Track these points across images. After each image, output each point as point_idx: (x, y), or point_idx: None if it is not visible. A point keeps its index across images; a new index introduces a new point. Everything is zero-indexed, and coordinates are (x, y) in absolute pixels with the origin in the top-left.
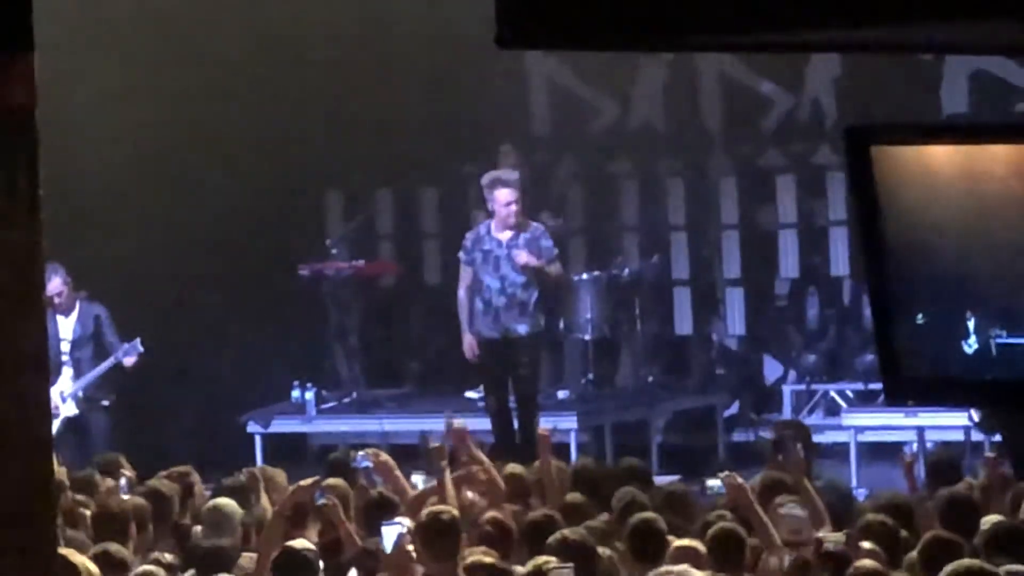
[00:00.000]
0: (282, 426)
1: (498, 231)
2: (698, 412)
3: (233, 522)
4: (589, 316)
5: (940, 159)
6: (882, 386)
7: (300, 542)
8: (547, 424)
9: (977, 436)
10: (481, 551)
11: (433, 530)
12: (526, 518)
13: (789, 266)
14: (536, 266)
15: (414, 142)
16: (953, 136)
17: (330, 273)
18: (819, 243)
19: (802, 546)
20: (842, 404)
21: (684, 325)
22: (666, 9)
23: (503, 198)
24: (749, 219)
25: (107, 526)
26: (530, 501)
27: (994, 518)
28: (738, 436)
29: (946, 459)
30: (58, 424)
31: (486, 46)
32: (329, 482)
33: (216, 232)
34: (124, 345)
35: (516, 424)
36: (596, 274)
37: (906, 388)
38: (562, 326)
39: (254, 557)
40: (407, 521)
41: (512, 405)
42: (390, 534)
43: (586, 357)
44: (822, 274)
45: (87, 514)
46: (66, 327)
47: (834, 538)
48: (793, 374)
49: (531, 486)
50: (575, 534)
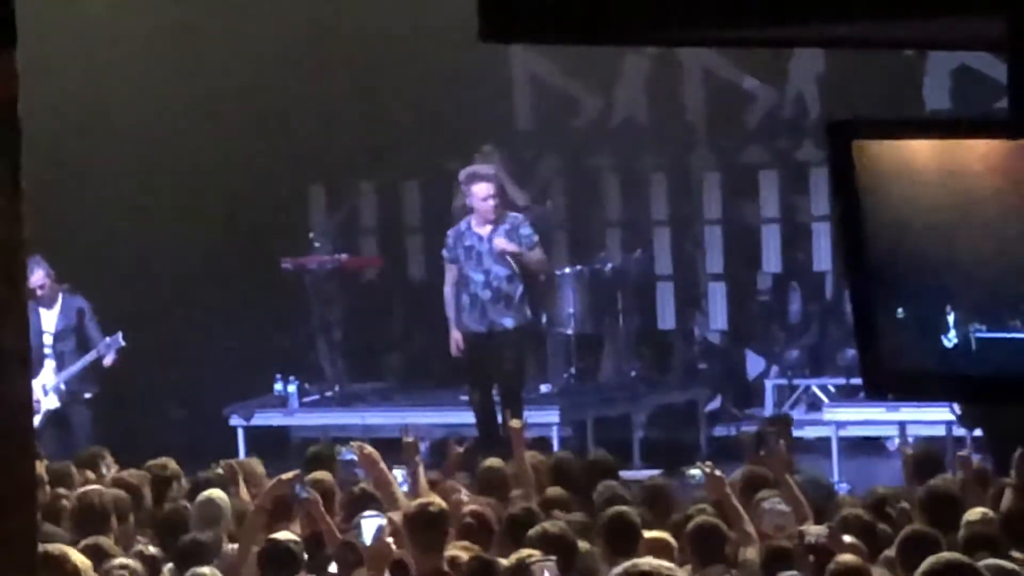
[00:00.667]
0: (264, 419)
1: (478, 226)
2: (680, 407)
3: (225, 515)
4: (572, 311)
5: (922, 154)
6: (862, 381)
7: (284, 534)
8: (519, 419)
9: (959, 431)
10: (462, 545)
11: (420, 522)
12: (507, 512)
13: (772, 261)
14: (513, 252)
15: (397, 136)
16: (936, 131)
17: (313, 267)
18: (802, 239)
19: (785, 541)
20: (824, 399)
21: (667, 320)
22: (649, 3)
23: (481, 192)
24: (732, 214)
25: (88, 519)
26: (509, 495)
27: (977, 512)
28: (720, 431)
29: (929, 453)
30: (39, 417)
31: (469, 40)
32: (313, 476)
33: (199, 225)
34: (106, 339)
35: (500, 418)
36: (579, 269)
37: (886, 383)
38: (545, 320)
39: (236, 549)
40: (395, 516)
41: (496, 399)
42: (369, 527)
43: (569, 351)
44: (804, 269)
45: (67, 507)
46: (48, 320)
47: (816, 531)
48: (775, 369)
49: (510, 480)
50: (555, 527)
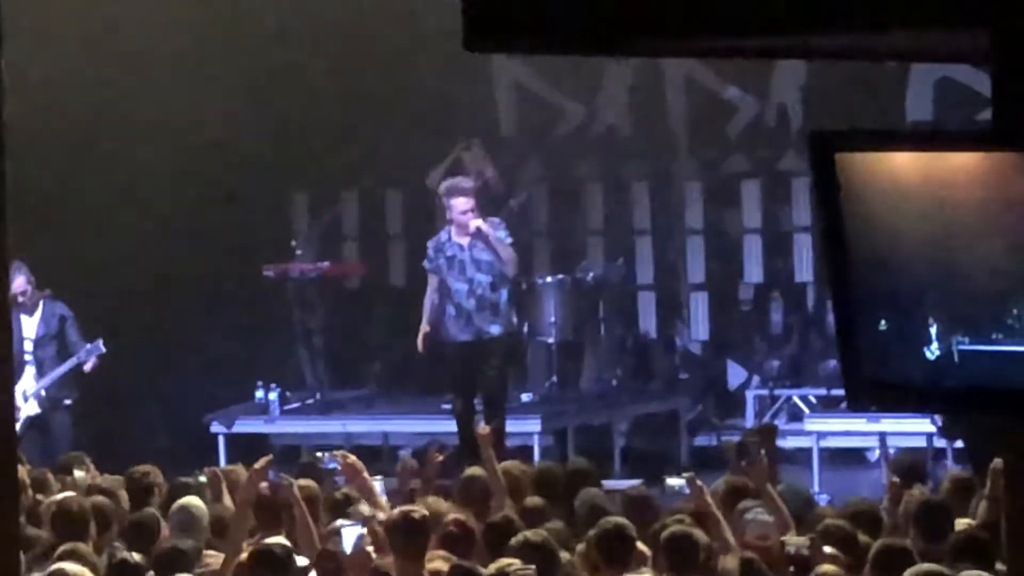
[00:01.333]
0: (245, 426)
1: (459, 236)
2: (661, 416)
3: (201, 523)
4: (553, 319)
5: (905, 166)
6: (844, 391)
7: (274, 539)
8: (501, 426)
9: (940, 443)
10: (442, 555)
11: (403, 529)
12: (486, 521)
13: (753, 271)
14: (487, 232)
15: (379, 144)
16: (918, 143)
17: (295, 274)
18: (783, 249)
19: (765, 551)
20: (805, 409)
21: (648, 329)
22: (632, 13)
23: (460, 207)
24: (714, 224)
25: (67, 524)
26: (491, 503)
27: (962, 523)
28: (701, 440)
29: (911, 463)
30: (20, 423)
31: (453, 48)
32: (300, 483)
33: (181, 232)
34: (86, 345)
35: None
36: (560, 278)
37: (868, 394)
38: (526, 329)
39: (217, 556)
40: (376, 525)
41: (478, 407)
42: (350, 535)
43: (550, 360)
44: (786, 280)
45: (48, 512)
46: (29, 326)
47: (796, 541)
48: (756, 379)
49: (491, 488)
50: (537, 536)
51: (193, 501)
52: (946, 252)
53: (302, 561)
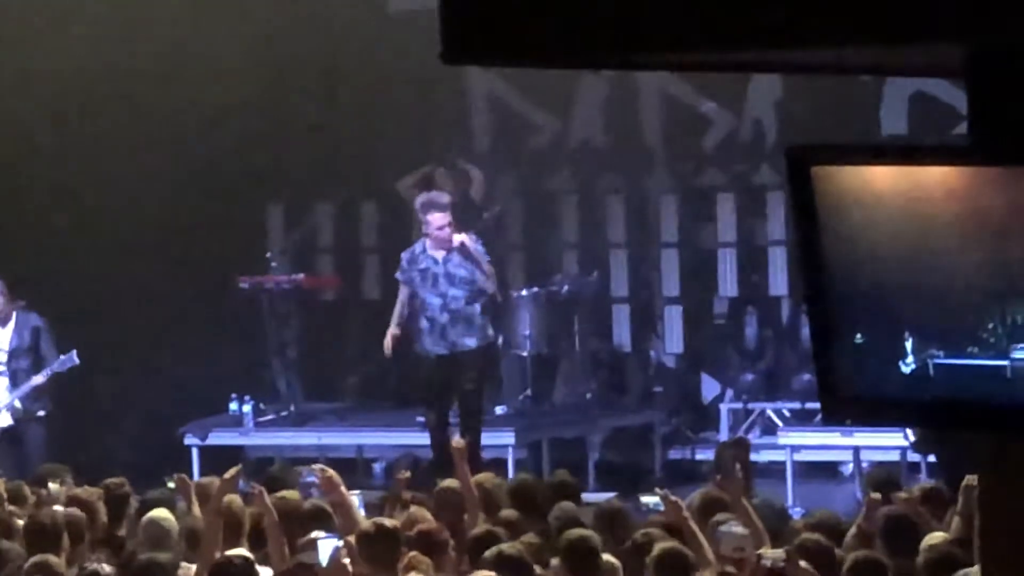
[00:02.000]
0: (220, 438)
1: (433, 249)
2: (635, 429)
3: (171, 535)
4: (528, 332)
5: (881, 180)
6: (820, 405)
7: (237, 551)
8: (475, 438)
9: (913, 457)
10: (413, 559)
11: (373, 539)
12: (470, 534)
13: (728, 285)
14: (470, 247)
15: (355, 156)
16: (895, 157)
17: (270, 286)
18: (758, 262)
19: (740, 563)
20: (779, 423)
21: (622, 342)
22: (609, 27)
23: (436, 222)
24: (688, 237)
25: (40, 537)
26: (465, 516)
27: (937, 536)
28: (675, 454)
29: (884, 478)
30: None
31: (428, 61)
32: (282, 495)
33: (156, 244)
34: (60, 357)
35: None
36: (535, 290)
37: (844, 407)
38: (501, 342)
39: (189, 568)
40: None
41: (453, 420)
42: (325, 548)
43: (524, 373)
44: (761, 293)
45: (20, 525)
46: (3, 337)
47: (773, 555)
48: (730, 393)
49: (464, 501)
50: (512, 549)
51: (162, 514)
52: (922, 266)
53: (266, 573)
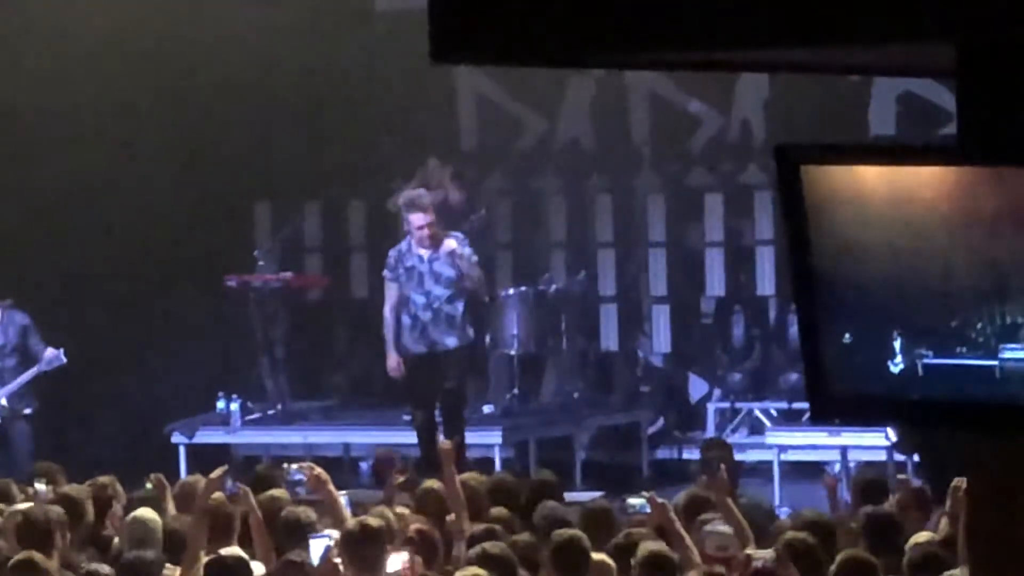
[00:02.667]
0: (206, 437)
1: (419, 248)
2: (623, 429)
3: (155, 535)
4: (515, 332)
5: (869, 179)
6: (808, 405)
7: (230, 550)
8: (461, 438)
9: (900, 456)
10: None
11: (358, 538)
12: (468, 531)
13: (715, 284)
14: (462, 254)
15: (342, 155)
16: (884, 157)
17: (257, 285)
18: (746, 262)
19: (727, 563)
20: (766, 423)
21: (610, 342)
22: (598, 26)
23: (416, 221)
24: (676, 237)
25: (31, 535)
26: (449, 517)
27: (923, 535)
28: (662, 453)
29: (872, 478)
30: None
31: (416, 60)
32: (259, 497)
33: (143, 242)
34: (47, 356)
35: (442, 438)
36: (522, 290)
37: (832, 407)
38: (488, 341)
39: (174, 569)
40: (335, 534)
41: (439, 419)
42: (317, 547)
43: (511, 372)
44: (748, 293)
45: (11, 523)
46: None
47: (763, 555)
48: (718, 392)
49: (449, 503)
50: (495, 548)
51: (147, 513)
52: (910, 266)
53: (259, 569)
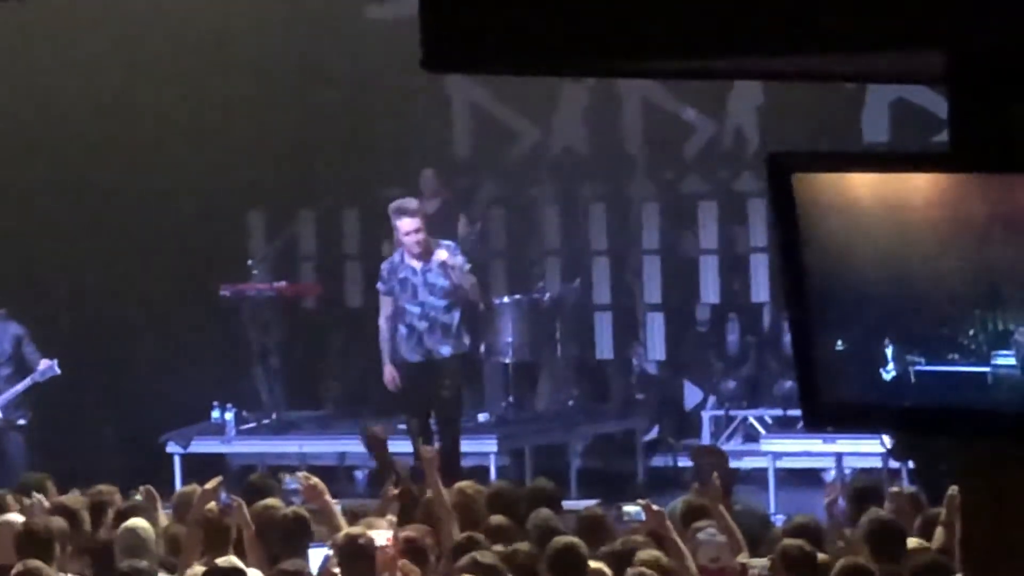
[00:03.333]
0: (201, 446)
1: (411, 258)
2: (618, 436)
3: (148, 544)
4: (510, 339)
5: (862, 187)
6: (801, 412)
7: (227, 560)
8: (430, 447)
9: (894, 463)
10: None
11: (348, 553)
12: (453, 541)
13: (710, 292)
14: (453, 264)
15: (337, 164)
16: (876, 164)
17: (251, 294)
18: (740, 269)
19: (721, 573)
20: (761, 430)
21: (604, 349)
22: (591, 34)
23: (405, 227)
24: (670, 244)
25: (31, 545)
26: (437, 526)
27: (913, 542)
28: (657, 461)
29: (869, 486)
30: None
31: (409, 68)
32: (254, 507)
33: (137, 251)
34: (41, 366)
35: (438, 446)
36: (517, 298)
37: (825, 414)
38: (483, 349)
39: None
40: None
41: (434, 427)
42: (315, 557)
43: (506, 380)
44: (742, 300)
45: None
46: None
47: (758, 564)
48: (712, 400)
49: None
50: (485, 557)
51: (140, 523)
52: (903, 273)
53: None
